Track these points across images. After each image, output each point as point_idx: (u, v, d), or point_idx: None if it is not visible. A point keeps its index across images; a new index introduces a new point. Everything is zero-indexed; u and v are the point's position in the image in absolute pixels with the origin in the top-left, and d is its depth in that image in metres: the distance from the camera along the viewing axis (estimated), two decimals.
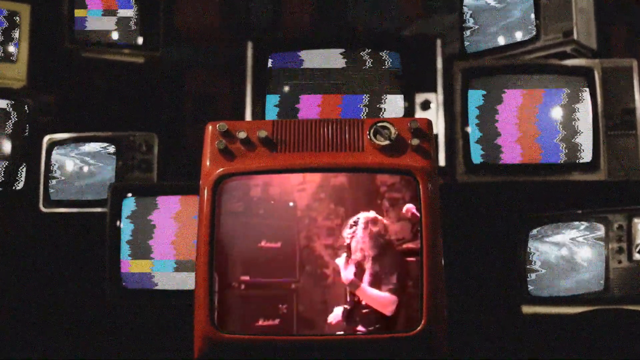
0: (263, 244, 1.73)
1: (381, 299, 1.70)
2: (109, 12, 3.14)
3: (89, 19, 3.15)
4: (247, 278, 1.72)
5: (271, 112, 2.63)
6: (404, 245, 1.71)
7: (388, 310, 1.69)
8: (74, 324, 2.64)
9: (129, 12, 3.12)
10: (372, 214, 1.72)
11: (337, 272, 1.72)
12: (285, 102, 2.65)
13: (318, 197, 1.74)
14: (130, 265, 2.59)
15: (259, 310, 1.71)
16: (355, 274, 1.71)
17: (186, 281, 2.53)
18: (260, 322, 1.70)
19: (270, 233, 1.74)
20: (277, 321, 1.70)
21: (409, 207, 1.71)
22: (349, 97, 2.62)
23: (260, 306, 1.71)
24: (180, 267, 2.57)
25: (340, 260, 1.72)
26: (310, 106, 2.62)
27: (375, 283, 1.71)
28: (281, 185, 1.76)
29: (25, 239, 2.90)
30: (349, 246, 1.72)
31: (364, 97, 2.62)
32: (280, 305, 1.71)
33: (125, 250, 2.59)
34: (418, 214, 1.68)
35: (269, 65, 2.65)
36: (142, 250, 2.59)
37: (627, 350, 2.15)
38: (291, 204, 1.75)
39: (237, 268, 1.72)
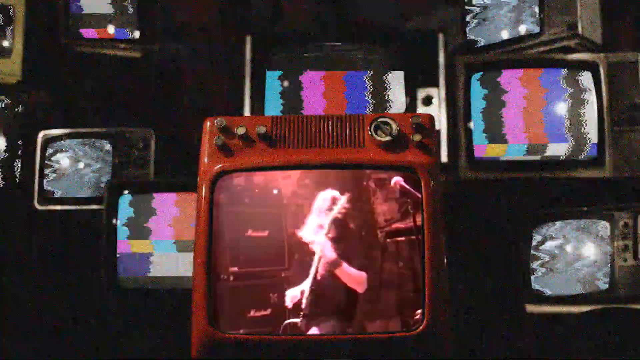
0: (263, 240, 1.70)
1: (357, 276, 1.68)
2: None
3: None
4: (250, 282, 1.70)
5: None
6: (393, 226, 1.68)
7: (361, 288, 1.68)
8: (70, 322, 2.64)
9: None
10: (328, 194, 1.70)
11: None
12: None
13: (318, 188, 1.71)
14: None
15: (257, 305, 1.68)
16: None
17: (183, 281, 2.49)
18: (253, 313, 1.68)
19: (271, 228, 1.71)
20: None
21: (397, 180, 1.68)
22: None
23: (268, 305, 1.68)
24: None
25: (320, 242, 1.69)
26: None
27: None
28: (280, 180, 1.73)
29: (20, 237, 2.87)
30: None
31: None
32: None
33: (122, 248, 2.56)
34: (407, 186, 1.66)
35: None
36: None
37: (632, 350, 2.14)
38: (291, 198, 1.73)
39: (238, 266, 1.70)
